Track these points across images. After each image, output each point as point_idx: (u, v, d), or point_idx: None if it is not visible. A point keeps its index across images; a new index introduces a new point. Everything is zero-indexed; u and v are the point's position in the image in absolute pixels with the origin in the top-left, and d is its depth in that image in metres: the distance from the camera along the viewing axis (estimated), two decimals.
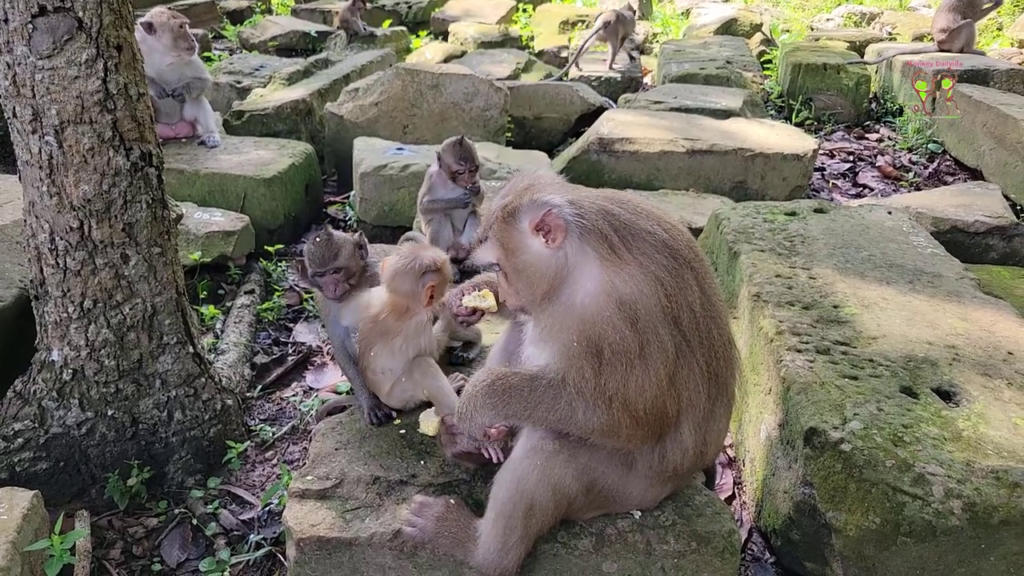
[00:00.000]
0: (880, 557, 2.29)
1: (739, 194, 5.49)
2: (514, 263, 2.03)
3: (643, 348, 1.89)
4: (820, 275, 3.30)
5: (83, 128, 2.62)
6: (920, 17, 12.15)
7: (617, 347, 1.88)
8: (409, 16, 12.71)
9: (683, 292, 1.95)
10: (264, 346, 4.15)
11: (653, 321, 1.89)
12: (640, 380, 1.90)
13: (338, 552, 2.20)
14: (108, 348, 2.86)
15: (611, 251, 1.92)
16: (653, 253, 1.93)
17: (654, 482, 2.17)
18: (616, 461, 2.10)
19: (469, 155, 3.78)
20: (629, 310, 1.88)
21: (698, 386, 2.00)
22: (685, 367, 1.96)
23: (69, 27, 2.52)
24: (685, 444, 2.06)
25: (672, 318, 1.93)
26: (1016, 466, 2.25)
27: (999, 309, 3.10)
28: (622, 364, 1.89)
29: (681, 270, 1.96)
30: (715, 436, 2.14)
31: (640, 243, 1.94)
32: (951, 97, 6.48)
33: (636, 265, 1.91)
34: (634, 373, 1.89)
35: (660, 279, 1.91)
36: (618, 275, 1.90)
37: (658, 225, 2.00)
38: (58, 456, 2.92)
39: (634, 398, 1.91)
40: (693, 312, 1.96)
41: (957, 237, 4.61)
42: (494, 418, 2.05)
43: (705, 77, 7.97)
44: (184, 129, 5.51)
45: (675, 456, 2.08)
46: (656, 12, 13.84)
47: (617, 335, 1.88)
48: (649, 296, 1.89)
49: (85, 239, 2.72)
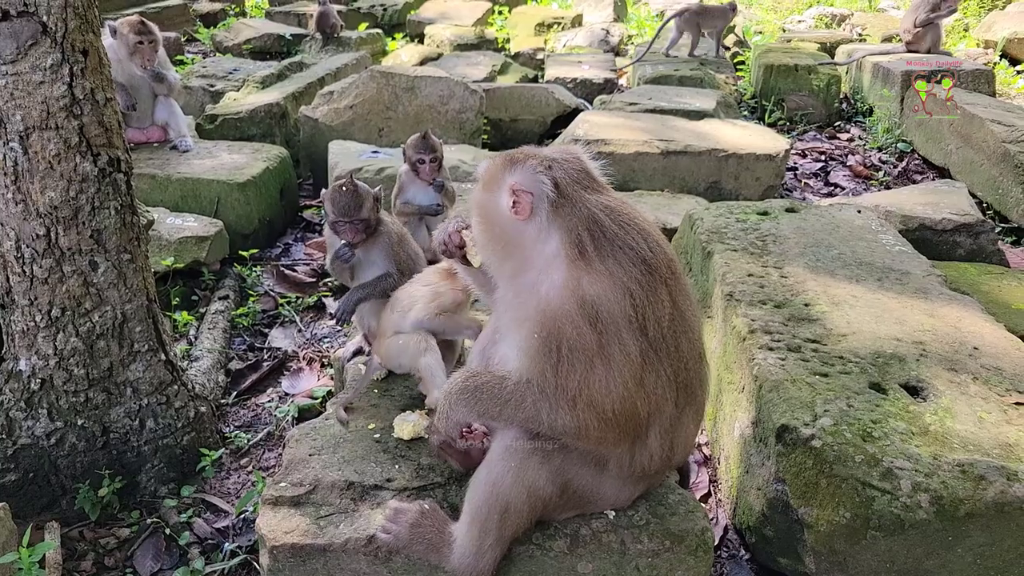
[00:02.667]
0: (851, 551, 2.32)
1: (713, 194, 5.54)
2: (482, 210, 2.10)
3: (603, 348, 1.90)
4: (791, 274, 3.34)
5: (49, 134, 2.58)
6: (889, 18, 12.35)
7: (574, 344, 1.90)
8: (385, 18, 12.67)
9: (653, 305, 1.96)
10: (239, 352, 4.12)
11: (616, 325, 1.91)
12: (604, 380, 1.91)
13: (312, 559, 2.19)
14: (77, 357, 2.82)
15: (580, 254, 1.93)
16: (628, 265, 1.95)
17: (627, 482, 2.18)
18: (589, 462, 2.11)
19: (429, 145, 3.83)
20: (590, 309, 1.90)
21: (665, 393, 2.01)
22: (652, 373, 1.98)
23: (33, 32, 2.49)
24: (651, 449, 2.08)
25: (639, 327, 1.94)
26: (981, 459, 2.30)
27: (965, 305, 3.16)
28: (580, 362, 1.91)
29: (656, 285, 1.97)
30: (683, 441, 2.17)
31: (617, 253, 1.95)
32: (951, 97, 6.58)
33: (605, 273, 1.93)
34: (595, 372, 1.91)
35: (630, 290, 1.92)
36: (585, 276, 1.92)
37: (643, 240, 2.00)
38: (27, 467, 2.87)
39: (600, 398, 1.92)
40: (661, 326, 1.98)
41: (925, 235, 4.68)
42: (467, 415, 2.07)
43: (679, 79, 8.04)
44: (156, 133, 5.45)
45: (642, 459, 2.10)
46: (631, 14, 13.92)
47: (575, 332, 1.90)
48: (613, 301, 1.91)
49: (52, 246, 2.68)
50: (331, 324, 4.40)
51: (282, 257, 5.25)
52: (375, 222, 2.94)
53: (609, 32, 11.46)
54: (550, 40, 11.56)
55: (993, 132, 5.80)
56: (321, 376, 3.89)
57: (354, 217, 2.84)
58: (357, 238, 2.87)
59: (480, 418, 2.09)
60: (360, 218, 2.85)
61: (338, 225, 2.86)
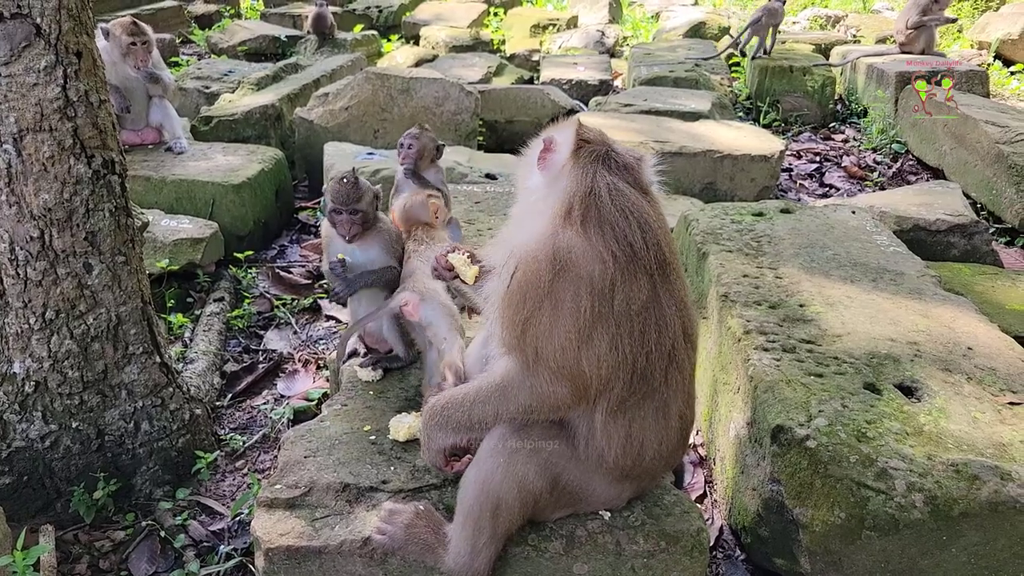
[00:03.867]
0: (846, 551, 2.33)
1: (708, 195, 5.55)
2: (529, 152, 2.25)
3: (554, 292, 1.93)
4: (786, 275, 3.35)
5: (43, 136, 2.58)
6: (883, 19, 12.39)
7: (529, 281, 1.95)
8: (380, 20, 12.67)
9: (626, 284, 1.95)
10: (234, 354, 4.11)
11: (576, 278, 1.93)
12: (548, 323, 1.94)
13: (307, 561, 2.18)
14: (72, 359, 2.82)
15: (566, 214, 1.99)
16: (612, 242, 1.95)
17: (613, 480, 2.17)
18: (575, 456, 2.11)
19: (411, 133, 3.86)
20: (556, 256, 1.94)
21: (617, 367, 1.98)
22: (604, 336, 1.96)
23: (27, 34, 2.49)
24: (597, 426, 2.06)
25: (601, 294, 1.94)
26: (975, 459, 2.30)
27: (959, 306, 3.17)
28: (531, 300, 1.95)
29: (635, 270, 1.96)
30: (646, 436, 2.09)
31: (604, 227, 1.96)
32: (951, 97, 6.61)
33: (584, 235, 1.96)
34: (542, 313, 1.94)
35: (603, 259, 1.94)
36: (563, 231, 1.97)
37: (638, 229, 1.98)
38: (21, 470, 2.86)
39: (543, 343, 1.95)
40: (630, 305, 1.96)
41: (919, 235, 4.69)
42: (444, 438, 2.15)
43: (674, 80, 8.05)
44: (151, 135, 5.43)
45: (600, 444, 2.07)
46: (626, 16, 13.94)
47: (534, 271, 1.95)
48: (581, 258, 1.93)
49: (46, 249, 2.68)
50: (327, 326, 4.40)
51: (277, 259, 5.24)
52: (373, 218, 2.94)
53: (604, 34, 11.49)
54: (545, 41, 11.57)
55: (987, 133, 5.83)
56: (316, 378, 3.89)
57: (352, 207, 2.81)
58: (353, 231, 2.84)
59: (456, 433, 2.14)
60: (358, 209, 2.82)
61: (335, 215, 2.83)
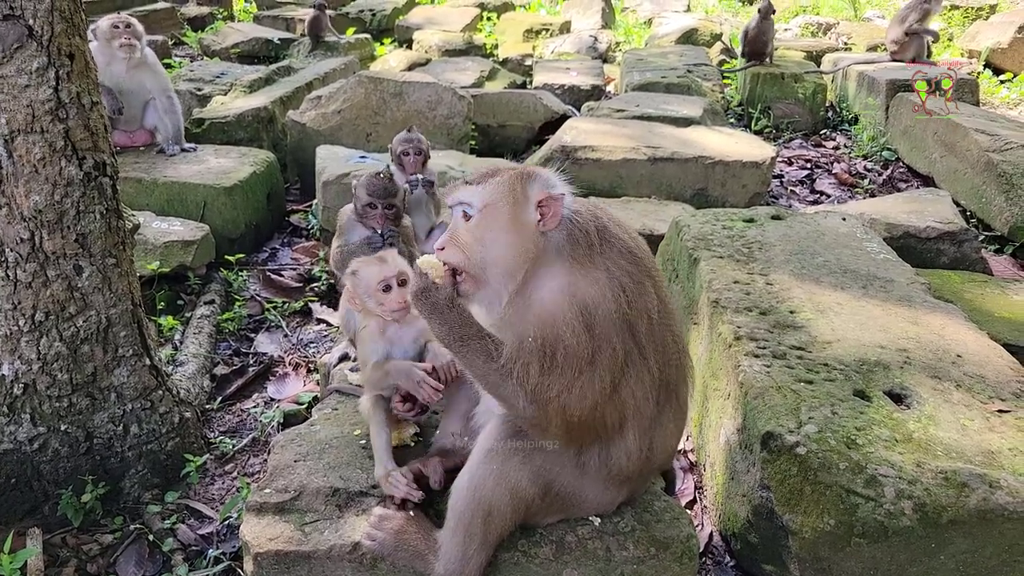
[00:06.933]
0: (835, 558, 2.34)
1: (700, 201, 5.56)
2: (495, 219, 1.99)
3: (595, 355, 1.91)
4: (777, 281, 3.36)
5: (34, 137, 2.57)
6: (874, 27, 12.46)
7: (571, 351, 1.90)
8: (373, 23, 12.66)
9: (643, 299, 1.98)
10: (224, 357, 4.09)
11: (609, 328, 1.91)
12: (584, 388, 1.92)
13: (296, 566, 2.18)
14: (61, 361, 2.80)
15: (587, 252, 1.94)
16: (619, 259, 1.97)
17: (608, 485, 2.18)
18: (570, 463, 2.11)
19: (414, 138, 3.96)
20: (588, 315, 1.90)
21: (647, 393, 2.02)
22: (634, 375, 1.98)
23: (19, 35, 2.48)
24: (630, 448, 2.08)
25: (628, 324, 1.95)
26: (964, 466, 2.32)
27: (949, 313, 3.19)
28: (572, 369, 1.91)
29: (642, 278, 2.00)
30: (662, 441, 2.16)
31: (610, 248, 1.98)
32: (951, 97, 6.65)
33: (603, 270, 1.94)
34: (580, 380, 1.91)
35: (623, 285, 1.94)
36: (584, 278, 1.92)
37: (625, 233, 2.04)
38: (9, 473, 2.84)
39: (575, 404, 1.93)
40: (651, 319, 1.99)
41: (909, 243, 4.72)
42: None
43: (667, 86, 8.07)
44: (142, 137, 5.42)
45: (620, 459, 2.09)
46: (619, 21, 13.99)
47: (575, 339, 1.89)
48: (610, 301, 1.92)
49: (36, 250, 2.66)
50: (317, 329, 4.38)
51: (268, 262, 5.22)
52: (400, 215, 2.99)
53: (597, 39, 11.50)
54: (538, 46, 11.58)
55: (977, 141, 5.87)
56: (307, 382, 3.88)
57: (388, 201, 2.84)
58: (386, 227, 2.88)
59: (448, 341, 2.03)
60: (394, 204, 2.86)
61: (370, 209, 2.85)
